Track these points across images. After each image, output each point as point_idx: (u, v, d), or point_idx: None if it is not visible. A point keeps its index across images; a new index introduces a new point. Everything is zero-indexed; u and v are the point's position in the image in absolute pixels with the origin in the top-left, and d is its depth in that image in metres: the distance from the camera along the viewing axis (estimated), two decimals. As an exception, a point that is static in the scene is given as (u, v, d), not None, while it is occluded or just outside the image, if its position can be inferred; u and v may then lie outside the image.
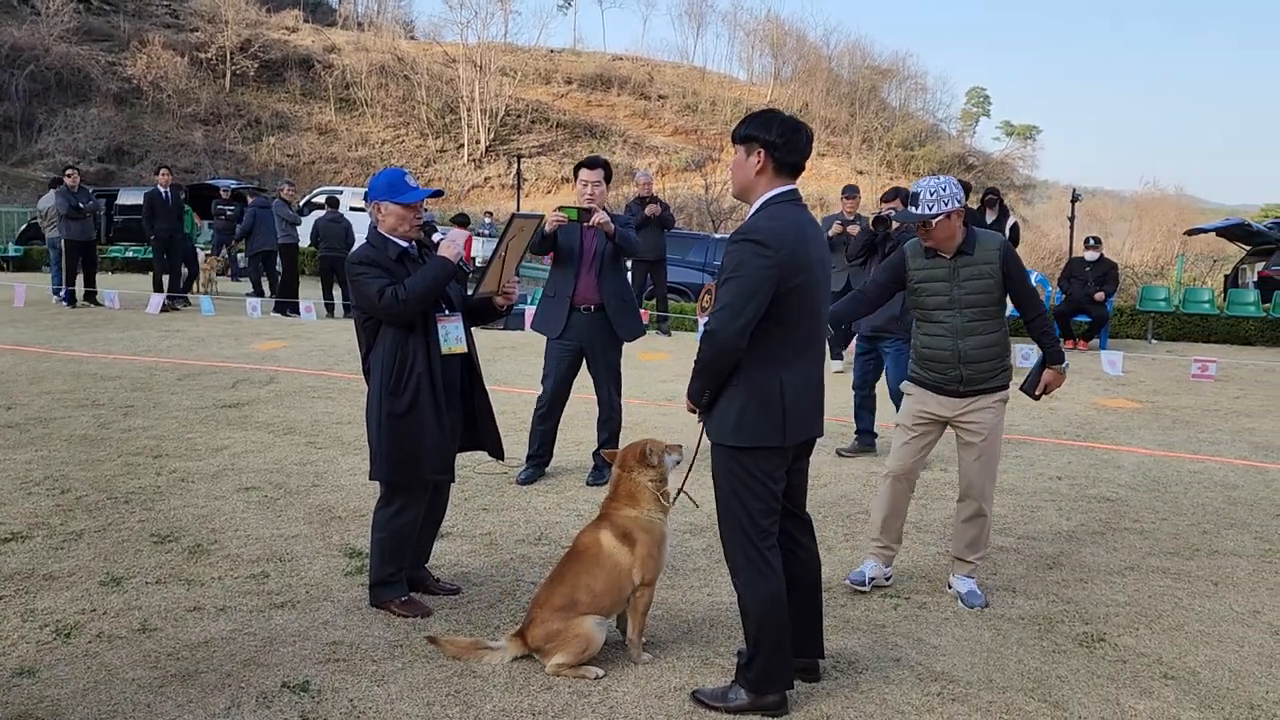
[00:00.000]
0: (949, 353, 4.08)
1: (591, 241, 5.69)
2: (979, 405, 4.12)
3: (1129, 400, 9.01)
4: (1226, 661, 3.73)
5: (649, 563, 3.52)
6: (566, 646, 3.41)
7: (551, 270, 5.87)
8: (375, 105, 46.60)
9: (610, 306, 5.70)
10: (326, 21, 55.66)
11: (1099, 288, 12.37)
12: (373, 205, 3.86)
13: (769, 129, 3.14)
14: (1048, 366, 4.17)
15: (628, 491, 3.59)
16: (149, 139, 41.10)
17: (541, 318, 5.84)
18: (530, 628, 3.47)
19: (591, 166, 5.72)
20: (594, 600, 3.46)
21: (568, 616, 3.43)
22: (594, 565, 3.50)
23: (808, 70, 54.66)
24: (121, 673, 3.38)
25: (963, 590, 4.23)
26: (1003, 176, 50.70)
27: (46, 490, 5.40)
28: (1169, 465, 6.66)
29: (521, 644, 3.48)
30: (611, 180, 5.82)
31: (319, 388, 8.56)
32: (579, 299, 5.68)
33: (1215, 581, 4.56)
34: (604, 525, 3.57)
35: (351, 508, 5.20)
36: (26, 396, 7.78)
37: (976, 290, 4.04)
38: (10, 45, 39.47)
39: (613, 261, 5.73)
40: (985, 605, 4.16)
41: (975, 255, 4.03)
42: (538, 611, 3.48)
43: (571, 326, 5.70)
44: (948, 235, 3.99)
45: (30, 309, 13.79)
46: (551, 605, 3.46)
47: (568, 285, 5.70)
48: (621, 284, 5.81)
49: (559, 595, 3.47)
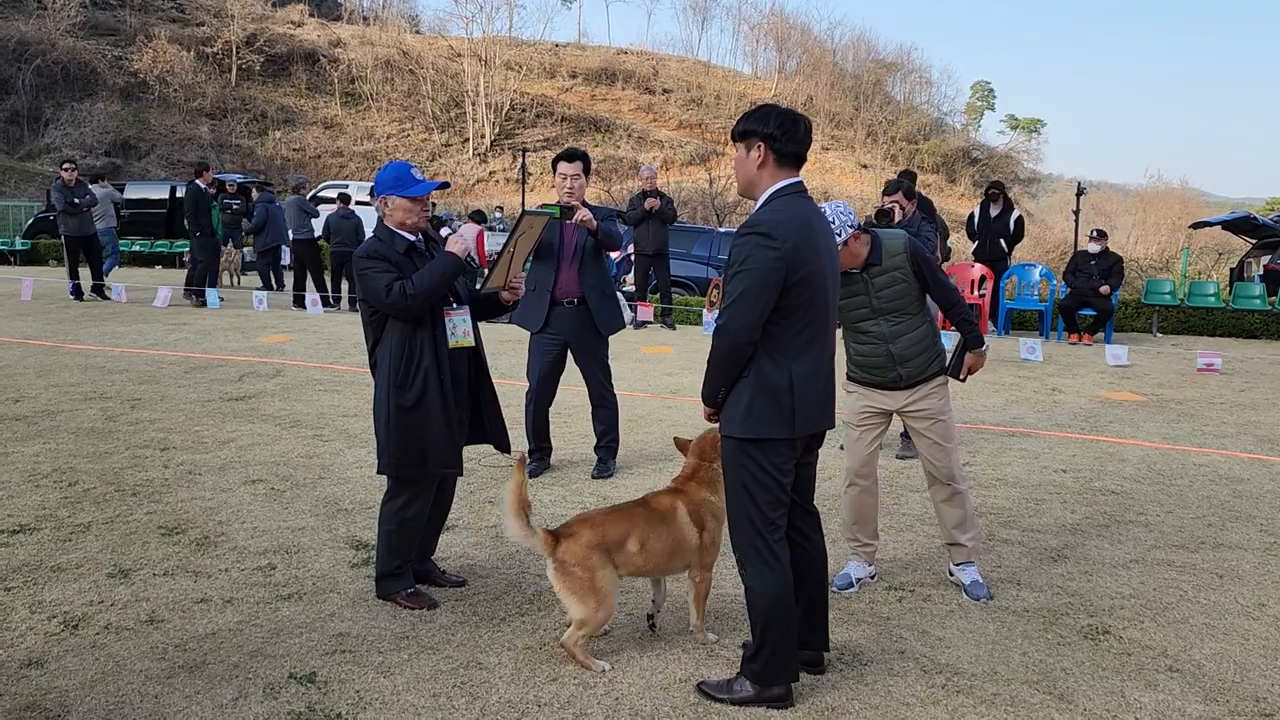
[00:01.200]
0: (883, 358, 4.20)
1: (572, 236, 5.67)
2: (921, 394, 4.23)
3: (1134, 393, 9.00)
4: (1231, 654, 3.73)
5: (712, 550, 3.62)
6: (583, 597, 3.35)
7: (531, 264, 5.83)
8: (381, 99, 46.65)
9: (592, 300, 5.70)
10: (332, 16, 55.67)
11: (1104, 281, 12.34)
12: (380, 199, 3.87)
13: (766, 122, 3.15)
14: (968, 351, 4.32)
15: (707, 479, 3.66)
16: (155, 133, 41.18)
17: (522, 312, 5.79)
18: (569, 539, 3.41)
19: (570, 159, 5.66)
20: (641, 552, 3.48)
21: (606, 559, 3.41)
22: (661, 525, 3.54)
23: (812, 64, 54.57)
24: (129, 664, 3.40)
25: (966, 581, 4.25)
26: (1007, 170, 50.60)
27: (54, 482, 5.42)
28: (1174, 458, 6.65)
29: (551, 545, 3.39)
30: (590, 172, 5.77)
31: (325, 381, 8.58)
32: (560, 293, 5.68)
33: (1220, 574, 4.56)
34: (681, 498, 3.62)
35: (358, 500, 5.21)
36: (34, 389, 7.81)
37: (893, 296, 4.15)
38: (17, 39, 39.56)
39: (594, 255, 5.72)
40: (990, 598, 4.17)
41: (885, 264, 4.13)
42: (584, 530, 3.44)
43: (553, 321, 5.70)
44: (852, 256, 4.07)
45: (37, 302, 13.83)
46: (602, 533, 3.44)
47: (548, 279, 5.69)
48: (603, 278, 5.81)
49: (613, 529, 3.47)
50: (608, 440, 5.95)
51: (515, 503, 3.36)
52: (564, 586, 3.38)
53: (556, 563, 3.39)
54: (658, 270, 12.75)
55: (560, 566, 3.38)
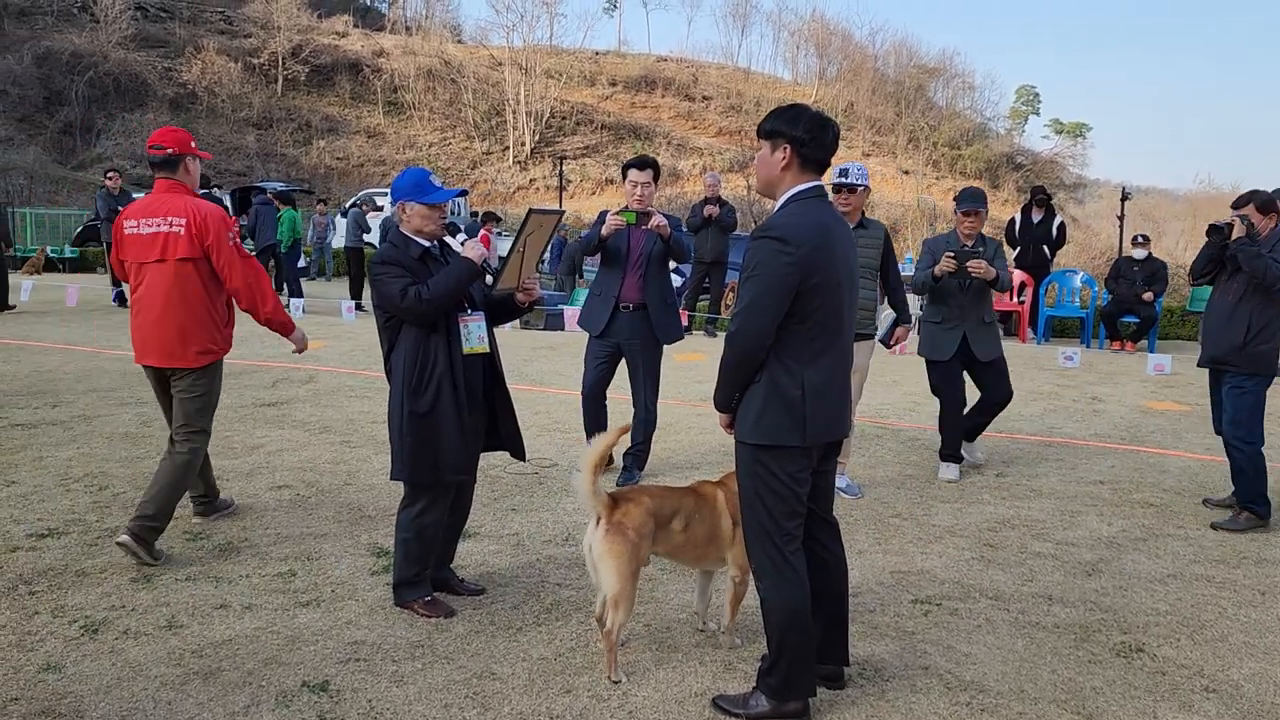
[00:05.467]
0: None
1: (639, 243, 5.76)
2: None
3: (1177, 403, 8.77)
4: (1272, 675, 3.59)
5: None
6: (622, 567, 3.34)
7: (599, 270, 5.97)
8: (423, 108, 47.03)
9: (653, 307, 5.78)
10: (375, 26, 56.25)
11: (1147, 287, 12.07)
12: (397, 205, 3.86)
13: (796, 124, 3.08)
14: (899, 325, 5.90)
15: None
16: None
17: (585, 315, 5.95)
18: (629, 504, 3.44)
19: (640, 167, 5.76)
20: (685, 533, 3.52)
21: (653, 532, 3.44)
22: (708, 511, 3.58)
23: (853, 70, 54.12)
24: (145, 669, 3.40)
25: (841, 485, 5.36)
26: (1052, 175, 49.77)
27: (85, 487, 5.49)
28: (1216, 470, 6.45)
29: (610, 507, 3.42)
30: (659, 179, 5.87)
31: (356, 387, 8.63)
32: (623, 298, 5.77)
33: (1262, 591, 4.40)
34: (724, 489, 3.63)
35: (381, 507, 5.21)
36: (72, 394, 7.93)
37: (867, 258, 5.41)
38: (71, 52, 40.42)
39: (659, 263, 5.81)
40: (860, 495, 5.58)
41: (869, 231, 5.62)
42: (644, 497, 3.49)
43: (614, 325, 5.78)
44: (859, 206, 5.50)
45: (82, 309, 14.08)
46: (659, 504, 3.49)
47: (613, 285, 5.78)
48: (665, 286, 5.88)
49: (667, 504, 3.50)
50: (637, 449, 5.95)
51: (597, 456, 3.38)
52: (609, 550, 3.37)
53: (611, 525, 3.39)
54: (714, 278, 12.69)
55: (615, 529, 3.38)
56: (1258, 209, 5.34)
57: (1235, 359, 5.28)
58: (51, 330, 11.90)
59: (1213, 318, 5.48)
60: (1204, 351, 5.56)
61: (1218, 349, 5.38)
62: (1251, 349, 5.23)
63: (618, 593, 3.34)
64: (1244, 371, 5.28)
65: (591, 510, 3.43)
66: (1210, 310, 5.55)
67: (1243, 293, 5.27)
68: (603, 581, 3.39)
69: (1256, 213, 5.33)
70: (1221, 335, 5.34)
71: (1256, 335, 5.22)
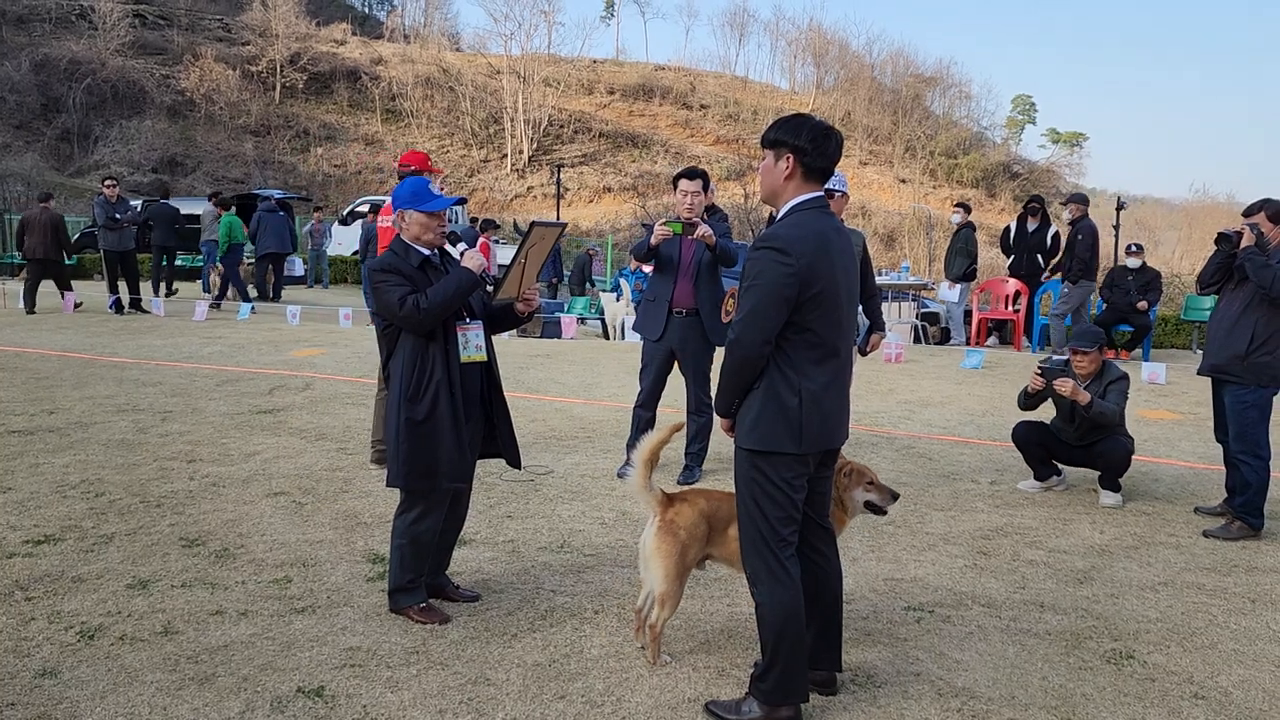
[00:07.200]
0: None
1: (690, 250, 5.99)
2: None
3: (1171, 412, 8.80)
4: (1261, 682, 3.62)
5: None
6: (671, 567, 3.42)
7: (652, 276, 6.24)
8: (421, 116, 47.11)
9: (704, 311, 6.01)
10: (374, 34, 56.39)
11: (1142, 296, 12.12)
12: (397, 213, 3.89)
13: (799, 134, 3.12)
14: (874, 333, 5.97)
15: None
16: (201, 150, 41.90)
17: (642, 320, 6.26)
18: (684, 503, 3.53)
19: (690, 177, 5.97)
20: (725, 532, 3.54)
21: (706, 536, 3.51)
22: None
23: (850, 79, 54.29)
24: (141, 675, 3.42)
25: None
26: (1049, 185, 49.88)
27: (81, 493, 5.50)
28: (1209, 479, 6.48)
29: (665, 505, 3.52)
30: (709, 189, 6.05)
31: (353, 394, 8.64)
32: (676, 303, 6.00)
33: (1252, 599, 4.43)
34: None
35: (377, 513, 5.23)
36: (69, 401, 7.94)
37: None
38: (69, 59, 40.48)
39: (710, 269, 6.03)
40: None
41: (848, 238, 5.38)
42: (699, 499, 3.57)
43: (668, 329, 6.03)
44: (838, 212, 4.96)
45: (79, 315, 14.09)
46: (715, 507, 3.55)
47: (666, 290, 6.03)
48: (717, 291, 6.10)
49: (724, 509, 3.55)
50: (696, 447, 6.20)
51: (650, 451, 3.45)
52: (660, 550, 3.45)
53: (664, 523, 3.47)
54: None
55: (667, 527, 3.46)
56: (1268, 218, 5.30)
57: (1237, 369, 5.24)
58: (48, 337, 11.92)
59: (1216, 326, 5.44)
60: (1205, 359, 5.50)
61: (1219, 358, 5.34)
62: (1254, 359, 5.19)
63: (664, 592, 3.45)
64: (1245, 382, 5.25)
65: (645, 507, 3.54)
66: (1214, 319, 5.50)
67: (1248, 302, 5.24)
68: (650, 579, 3.48)
69: (1267, 221, 5.30)
70: (1224, 344, 5.32)
71: (1260, 346, 5.18)
